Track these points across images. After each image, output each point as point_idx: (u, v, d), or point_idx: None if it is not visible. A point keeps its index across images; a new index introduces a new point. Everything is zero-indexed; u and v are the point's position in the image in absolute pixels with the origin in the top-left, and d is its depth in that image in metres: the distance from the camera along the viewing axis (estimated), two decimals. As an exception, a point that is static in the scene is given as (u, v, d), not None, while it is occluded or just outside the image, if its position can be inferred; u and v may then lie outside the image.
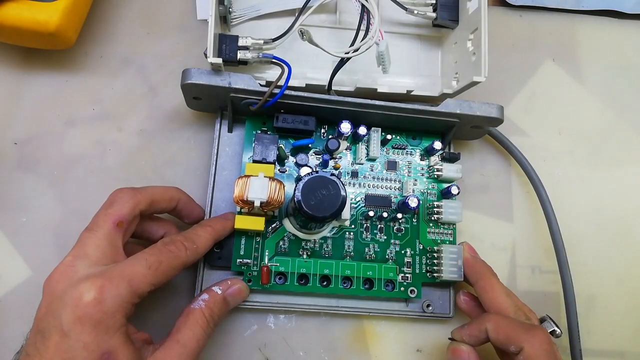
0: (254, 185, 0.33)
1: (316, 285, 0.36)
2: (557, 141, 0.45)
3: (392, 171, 0.39)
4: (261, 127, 0.38)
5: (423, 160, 0.40)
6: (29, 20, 0.35)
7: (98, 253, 0.29)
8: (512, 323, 0.32)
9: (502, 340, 0.32)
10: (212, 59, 0.33)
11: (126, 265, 0.28)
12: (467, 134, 0.40)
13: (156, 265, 0.29)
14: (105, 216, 0.30)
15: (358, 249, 0.38)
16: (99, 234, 0.29)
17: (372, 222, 0.38)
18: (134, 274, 0.28)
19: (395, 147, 0.40)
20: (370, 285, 0.37)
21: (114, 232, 0.30)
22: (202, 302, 0.32)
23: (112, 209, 0.31)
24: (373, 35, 0.35)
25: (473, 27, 0.37)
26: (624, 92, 0.47)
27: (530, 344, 0.30)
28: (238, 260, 0.36)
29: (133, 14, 0.44)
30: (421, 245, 0.38)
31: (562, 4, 0.48)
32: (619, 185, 0.45)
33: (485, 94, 0.41)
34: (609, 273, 0.42)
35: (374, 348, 0.39)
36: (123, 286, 0.27)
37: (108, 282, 0.27)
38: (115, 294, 0.27)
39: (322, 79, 0.38)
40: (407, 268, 0.38)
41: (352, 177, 0.39)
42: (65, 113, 0.41)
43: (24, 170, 0.39)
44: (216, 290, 0.33)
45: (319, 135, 0.39)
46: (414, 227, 0.39)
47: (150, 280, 0.28)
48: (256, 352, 0.38)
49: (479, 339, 0.33)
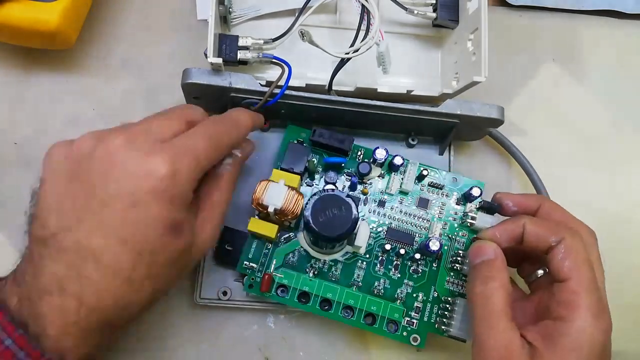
0: (271, 191, 0.33)
1: (316, 306, 0.35)
2: (557, 141, 0.45)
3: (422, 209, 0.37)
4: (298, 138, 0.38)
5: (459, 204, 0.37)
6: (29, 20, 0.35)
7: (163, 130, 0.28)
8: (552, 221, 0.32)
9: (540, 231, 0.30)
10: (212, 59, 0.33)
11: (189, 139, 0.28)
12: (467, 134, 0.40)
13: (216, 137, 0.29)
14: (181, 111, 0.30)
15: (367, 280, 0.36)
16: (167, 118, 0.29)
17: (389, 257, 0.36)
18: (197, 146, 0.28)
19: (431, 185, 0.38)
20: (373, 321, 0.35)
21: (182, 125, 0.29)
22: (228, 166, 0.32)
23: (189, 109, 0.31)
24: (373, 35, 0.35)
25: (473, 27, 0.37)
26: (624, 92, 0.47)
27: (572, 233, 0.29)
28: (245, 262, 0.35)
29: (133, 14, 0.44)
30: (436, 293, 0.36)
31: (562, 4, 0.48)
32: (619, 185, 0.45)
33: (485, 94, 0.41)
34: (608, 273, 0.42)
35: (374, 348, 0.39)
36: (192, 160, 0.27)
37: (179, 156, 0.26)
38: (187, 168, 0.27)
39: (323, 79, 0.38)
40: (415, 313, 0.35)
41: (379, 205, 0.37)
42: (65, 113, 0.41)
43: (24, 171, 0.39)
44: (237, 154, 0.33)
45: (355, 157, 0.38)
46: (432, 272, 0.36)
47: (211, 154, 0.29)
48: (256, 352, 0.38)
49: (514, 233, 0.31)
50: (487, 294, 0.30)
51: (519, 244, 0.32)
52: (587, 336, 0.27)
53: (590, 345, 0.27)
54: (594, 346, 0.27)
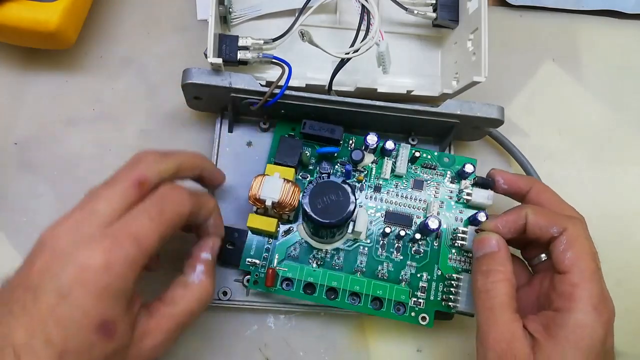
0: (267, 185, 0.33)
1: (322, 296, 0.35)
2: (557, 141, 0.45)
3: (418, 190, 0.37)
4: (289, 132, 0.38)
5: (453, 182, 0.38)
6: (29, 20, 0.35)
7: (109, 210, 0.26)
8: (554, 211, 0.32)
9: (543, 222, 0.30)
10: (212, 59, 0.33)
11: (129, 221, 0.26)
12: (467, 134, 0.40)
13: (159, 217, 0.27)
14: (128, 173, 0.27)
15: (371, 265, 0.36)
16: (115, 189, 0.27)
17: (390, 240, 0.36)
18: (140, 230, 0.26)
19: (424, 166, 0.38)
20: (380, 305, 0.35)
21: (132, 191, 0.27)
22: (200, 275, 0.30)
23: (137, 168, 0.28)
24: (373, 35, 0.35)
25: (473, 27, 0.37)
26: (624, 92, 0.47)
27: (574, 224, 0.30)
28: (247, 259, 0.35)
29: (133, 14, 0.44)
30: (439, 271, 0.36)
31: (562, 4, 0.48)
32: (619, 185, 0.45)
33: (485, 94, 0.41)
34: (608, 273, 0.42)
35: (374, 348, 0.39)
36: (130, 246, 0.25)
37: (115, 244, 0.25)
38: (124, 256, 0.25)
39: (323, 79, 0.38)
40: (422, 293, 0.36)
41: (375, 191, 0.37)
42: (66, 113, 0.41)
43: (24, 171, 0.39)
44: (207, 257, 0.31)
45: (347, 145, 0.38)
46: (434, 251, 0.36)
47: (157, 234, 0.26)
48: (256, 352, 0.38)
49: (517, 224, 0.31)
50: (489, 287, 0.30)
51: (523, 234, 0.32)
52: (587, 329, 0.27)
53: (590, 338, 0.27)
54: (594, 339, 0.27)
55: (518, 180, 0.35)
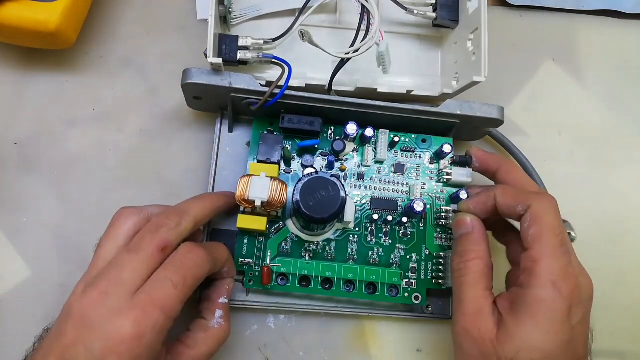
0: (255, 185, 0.33)
1: (317, 287, 0.36)
2: (557, 141, 0.45)
3: (399, 174, 0.38)
4: (268, 128, 0.38)
5: (432, 163, 0.38)
6: (29, 20, 0.35)
7: (134, 278, 0.27)
8: (522, 189, 0.32)
9: (509, 202, 0.31)
10: (212, 59, 0.33)
11: (154, 290, 0.27)
12: (467, 134, 0.40)
13: (182, 283, 0.28)
14: (151, 241, 0.28)
15: (362, 252, 0.37)
16: (139, 257, 0.28)
17: (377, 226, 0.37)
18: (165, 298, 0.27)
19: (403, 150, 0.38)
20: (374, 290, 0.36)
21: (156, 257, 0.28)
22: (220, 320, 0.32)
23: (159, 233, 0.29)
24: (373, 35, 0.35)
25: (473, 27, 0.37)
26: (624, 92, 0.47)
27: (538, 201, 0.30)
28: (240, 259, 0.36)
29: (133, 14, 0.44)
30: (427, 251, 0.37)
31: (562, 4, 0.48)
32: (619, 185, 0.45)
33: (485, 94, 0.41)
34: (609, 273, 0.42)
35: (374, 348, 0.39)
36: (159, 315, 0.26)
37: (144, 314, 0.26)
38: (152, 324, 0.26)
39: (323, 79, 0.38)
40: (412, 273, 0.37)
41: (359, 179, 0.38)
42: (65, 113, 0.41)
43: (24, 171, 0.39)
44: (224, 302, 0.33)
45: (326, 136, 0.39)
46: (420, 232, 0.38)
47: (180, 299, 0.28)
48: (256, 352, 0.38)
49: (487, 206, 0.32)
50: (461, 266, 0.31)
51: (496, 214, 0.32)
52: (545, 305, 0.27)
53: (549, 313, 0.27)
54: (555, 315, 0.27)
55: (488, 159, 0.36)
